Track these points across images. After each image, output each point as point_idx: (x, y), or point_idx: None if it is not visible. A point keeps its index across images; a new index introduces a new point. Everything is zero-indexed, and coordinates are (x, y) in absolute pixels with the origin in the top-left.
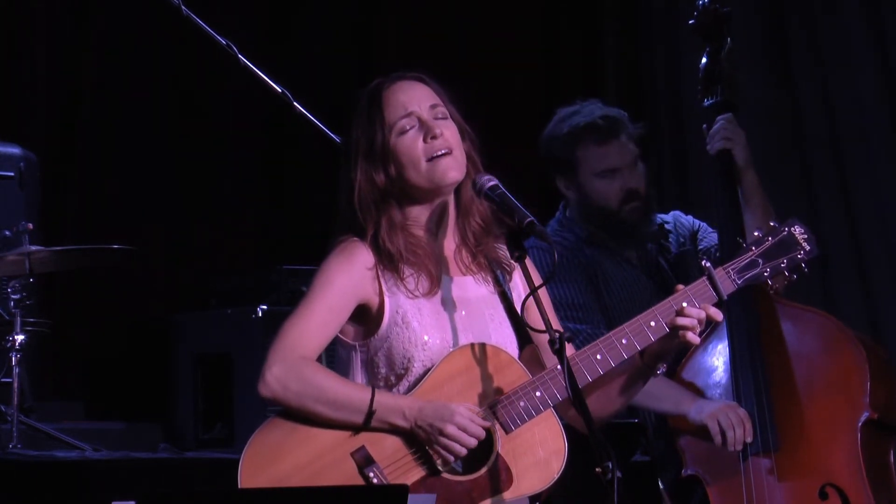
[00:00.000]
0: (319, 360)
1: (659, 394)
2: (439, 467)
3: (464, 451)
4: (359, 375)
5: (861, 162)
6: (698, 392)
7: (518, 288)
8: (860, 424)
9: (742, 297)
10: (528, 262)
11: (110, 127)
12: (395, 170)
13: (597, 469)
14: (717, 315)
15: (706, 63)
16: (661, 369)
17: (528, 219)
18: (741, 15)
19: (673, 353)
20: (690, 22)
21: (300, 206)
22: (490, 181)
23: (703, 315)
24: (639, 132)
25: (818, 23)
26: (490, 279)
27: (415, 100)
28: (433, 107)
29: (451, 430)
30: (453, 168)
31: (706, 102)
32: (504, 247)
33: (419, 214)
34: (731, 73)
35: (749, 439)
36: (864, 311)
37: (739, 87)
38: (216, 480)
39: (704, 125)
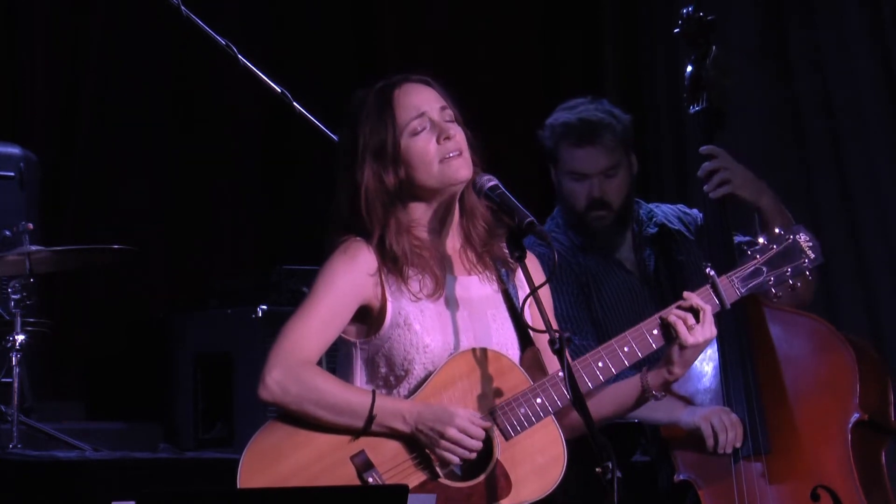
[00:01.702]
0: (319, 361)
1: (651, 403)
2: (438, 471)
3: (467, 454)
4: (359, 373)
5: (861, 162)
6: (689, 398)
7: (523, 284)
8: (850, 426)
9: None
10: (529, 261)
11: (110, 127)
12: (405, 171)
13: (597, 469)
14: (702, 304)
15: (692, 70)
16: (660, 395)
17: (528, 219)
18: (740, 15)
19: (674, 381)
20: (676, 31)
21: (300, 206)
22: (490, 181)
23: (690, 319)
24: (627, 140)
25: (818, 22)
26: (494, 278)
27: (426, 102)
28: (442, 109)
29: (451, 432)
30: (464, 167)
31: (692, 109)
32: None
33: (422, 215)
34: (717, 80)
35: (738, 444)
36: (864, 313)
37: (727, 93)
38: (216, 480)
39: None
